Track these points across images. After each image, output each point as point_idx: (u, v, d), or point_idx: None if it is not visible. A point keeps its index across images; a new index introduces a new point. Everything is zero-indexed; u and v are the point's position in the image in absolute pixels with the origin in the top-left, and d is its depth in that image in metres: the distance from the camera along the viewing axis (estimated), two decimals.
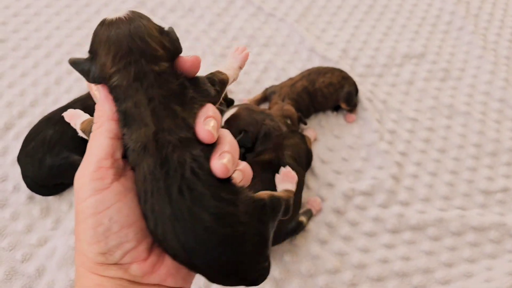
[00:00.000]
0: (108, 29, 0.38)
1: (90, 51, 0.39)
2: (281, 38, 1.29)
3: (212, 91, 0.39)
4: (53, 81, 1.12)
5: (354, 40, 1.32)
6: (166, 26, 0.40)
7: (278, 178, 0.52)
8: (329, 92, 1.08)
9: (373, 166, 1.04)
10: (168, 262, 0.38)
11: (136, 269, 0.37)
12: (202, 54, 1.22)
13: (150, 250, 0.38)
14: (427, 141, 1.10)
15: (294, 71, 1.20)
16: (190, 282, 0.41)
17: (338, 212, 0.95)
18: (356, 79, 1.18)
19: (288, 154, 0.90)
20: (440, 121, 1.15)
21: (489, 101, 1.21)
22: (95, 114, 0.38)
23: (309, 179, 1.00)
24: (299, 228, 0.88)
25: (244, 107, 0.96)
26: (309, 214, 0.93)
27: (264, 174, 0.87)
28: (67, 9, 1.30)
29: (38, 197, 0.92)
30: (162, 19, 1.29)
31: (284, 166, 0.89)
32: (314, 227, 0.93)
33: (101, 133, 0.37)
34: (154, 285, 0.38)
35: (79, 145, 0.90)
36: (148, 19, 0.40)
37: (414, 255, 0.91)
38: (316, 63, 1.23)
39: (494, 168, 1.07)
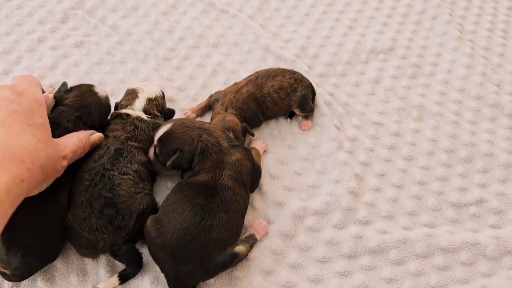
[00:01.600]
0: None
1: None
2: (233, 37, 1.17)
3: None
4: None
5: (315, 35, 1.19)
6: None
7: None
8: (280, 97, 0.96)
9: (329, 180, 0.92)
10: None
11: None
12: (143, 58, 1.09)
13: None
14: (392, 149, 0.98)
15: (245, 74, 1.08)
16: None
17: (287, 236, 0.83)
18: (314, 80, 1.06)
19: (228, 174, 0.79)
20: (408, 124, 1.03)
21: (464, 99, 1.08)
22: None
23: (255, 198, 0.88)
24: (234, 261, 0.76)
25: (179, 123, 0.84)
26: (252, 241, 0.81)
27: (197, 198, 0.75)
28: None
29: None
30: (101, 21, 1.17)
31: (220, 188, 0.79)
32: (258, 254, 0.81)
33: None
34: None
35: None
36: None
37: (372, 283, 0.80)
38: (270, 63, 1.10)
39: (468, 177, 0.95)
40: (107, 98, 0.91)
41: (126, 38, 1.13)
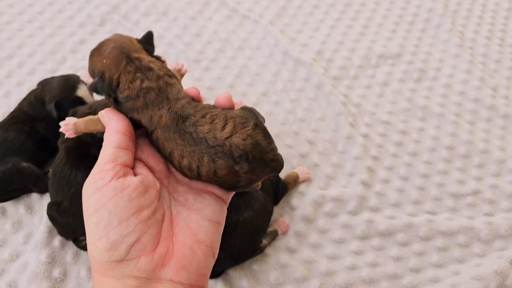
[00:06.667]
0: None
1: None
2: (255, 41, 1.29)
3: None
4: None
5: (329, 41, 1.31)
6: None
7: None
8: None
9: (344, 172, 1.04)
10: (179, 254, 0.39)
11: (145, 263, 0.37)
12: (175, 59, 1.21)
13: (156, 241, 0.39)
14: (399, 145, 1.11)
15: (268, 76, 1.20)
16: (206, 278, 0.40)
17: (308, 220, 0.96)
18: (330, 82, 1.19)
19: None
20: (414, 123, 1.15)
21: (463, 102, 1.21)
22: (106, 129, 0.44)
23: None
24: (257, 252, 0.89)
25: None
26: (274, 235, 0.93)
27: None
28: (40, 16, 1.29)
29: (9, 210, 0.93)
30: (135, 24, 1.28)
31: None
32: (283, 236, 0.94)
33: (107, 143, 0.41)
34: (168, 280, 0.38)
35: (28, 152, 0.92)
36: None
37: (382, 261, 0.93)
38: (290, 66, 1.22)
39: (466, 171, 1.08)
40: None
41: (158, 41, 1.25)
